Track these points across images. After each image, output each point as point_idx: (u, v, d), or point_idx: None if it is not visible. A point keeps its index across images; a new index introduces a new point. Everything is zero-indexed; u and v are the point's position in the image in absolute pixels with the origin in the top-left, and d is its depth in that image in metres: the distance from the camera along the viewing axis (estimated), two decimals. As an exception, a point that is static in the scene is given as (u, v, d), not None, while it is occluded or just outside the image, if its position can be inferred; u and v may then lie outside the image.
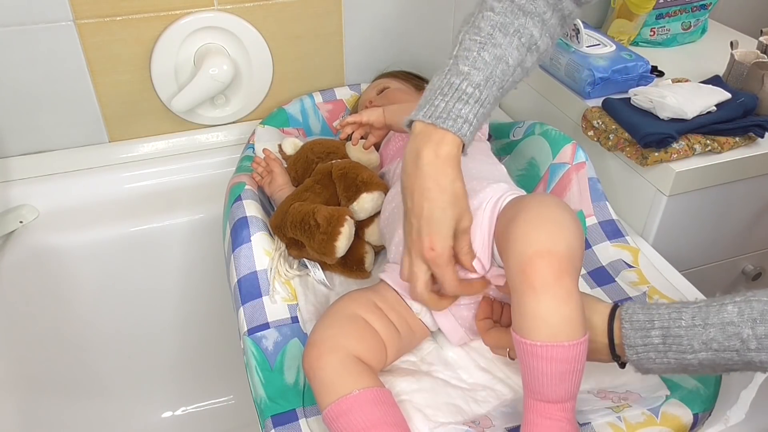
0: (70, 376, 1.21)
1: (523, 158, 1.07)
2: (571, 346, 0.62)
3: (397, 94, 1.11)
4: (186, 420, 1.32)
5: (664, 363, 0.63)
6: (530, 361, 0.63)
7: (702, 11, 1.34)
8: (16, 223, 1.11)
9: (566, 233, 0.65)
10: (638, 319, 0.65)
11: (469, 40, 0.70)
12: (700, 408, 0.72)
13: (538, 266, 0.63)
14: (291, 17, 1.19)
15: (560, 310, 0.63)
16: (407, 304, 0.80)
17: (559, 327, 0.63)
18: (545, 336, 0.62)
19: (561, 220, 0.67)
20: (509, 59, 0.69)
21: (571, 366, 0.63)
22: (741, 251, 1.19)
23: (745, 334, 0.58)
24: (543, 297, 0.63)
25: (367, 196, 0.90)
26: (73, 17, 1.07)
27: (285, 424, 0.72)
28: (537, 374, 0.63)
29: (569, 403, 0.64)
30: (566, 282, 0.63)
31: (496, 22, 0.69)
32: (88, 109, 1.16)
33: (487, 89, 0.69)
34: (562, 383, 0.63)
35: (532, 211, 0.68)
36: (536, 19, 0.70)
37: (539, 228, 0.66)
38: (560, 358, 0.62)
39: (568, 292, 0.63)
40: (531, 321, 0.63)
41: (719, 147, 1.01)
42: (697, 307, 0.62)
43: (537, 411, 0.64)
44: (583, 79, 1.13)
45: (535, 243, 0.64)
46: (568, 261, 0.64)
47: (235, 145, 1.25)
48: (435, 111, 0.68)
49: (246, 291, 0.85)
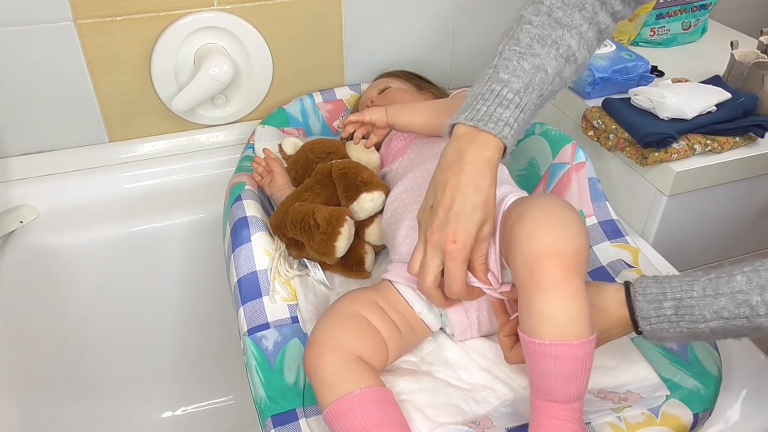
0: (70, 376, 1.21)
1: (523, 158, 1.07)
2: (579, 344, 0.62)
3: (399, 94, 1.10)
4: (186, 420, 1.32)
5: (677, 332, 0.65)
6: (538, 360, 0.63)
7: (702, 11, 1.34)
8: (16, 223, 1.11)
9: (573, 233, 0.66)
10: (651, 292, 0.66)
11: (508, 50, 0.72)
12: (700, 408, 0.72)
13: (546, 266, 0.63)
14: (291, 17, 1.19)
15: (568, 309, 0.63)
16: (409, 303, 0.80)
17: (568, 326, 0.63)
18: (554, 335, 0.62)
19: (567, 220, 0.67)
20: (548, 68, 0.71)
21: (579, 365, 0.63)
22: (741, 251, 1.19)
23: (754, 301, 0.60)
24: (551, 296, 0.63)
25: (367, 196, 0.90)
26: (73, 17, 1.07)
27: (285, 424, 0.72)
28: (545, 374, 0.63)
29: (577, 403, 0.64)
30: (574, 281, 0.64)
31: (535, 34, 0.72)
32: (88, 109, 1.16)
33: (527, 96, 0.71)
34: (571, 383, 0.63)
35: (537, 211, 0.68)
36: (573, 32, 0.72)
37: (546, 228, 0.66)
38: (569, 357, 0.62)
39: (575, 291, 0.63)
40: (539, 320, 0.63)
41: (719, 147, 1.01)
42: (707, 278, 0.64)
43: (545, 411, 0.64)
44: (583, 79, 1.13)
45: (543, 243, 0.65)
46: (576, 261, 0.64)
47: (235, 145, 1.25)
48: (477, 114, 0.70)
49: (246, 291, 0.85)
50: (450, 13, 1.29)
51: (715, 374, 0.75)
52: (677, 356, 0.77)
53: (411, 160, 0.94)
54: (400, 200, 0.87)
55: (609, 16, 0.76)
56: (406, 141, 0.99)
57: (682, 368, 0.76)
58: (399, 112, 0.95)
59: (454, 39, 1.33)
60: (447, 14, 1.29)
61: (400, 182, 0.90)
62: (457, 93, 1.01)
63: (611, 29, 0.78)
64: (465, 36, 1.33)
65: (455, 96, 1.00)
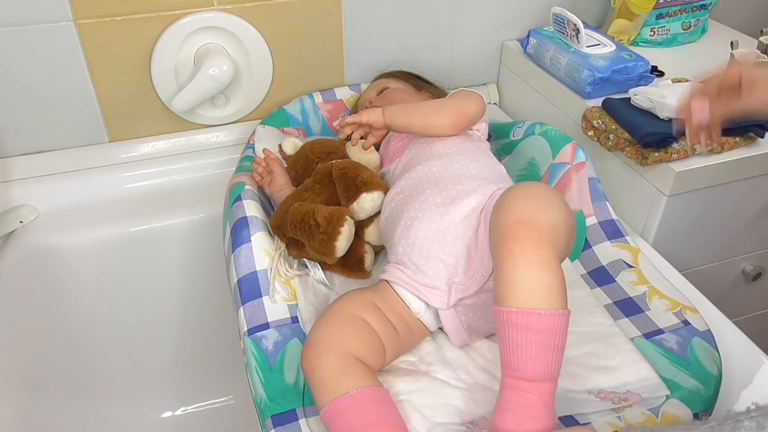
0: (69, 376, 1.21)
1: (523, 158, 1.07)
2: (548, 315, 0.61)
3: (397, 94, 1.11)
4: (186, 420, 1.32)
5: None
6: (507, 331, 0.62)
7: (702, 11, 1.34)
8: (16, 223, 1.11)
9: (550, 207, 0.66)
10: None
11: None
12: (700, 408, 0.72)
13: (518, 233, 0.63)
14: (291, 17, 1.19)
15: (537, 277, 0.62)
16: (406, 304, 0.80)
17: (536, 294, 0.61)
18: (520, 302, 0.62)
19: (546, 197, 0.68)
20: None
21: (548, 339, 0.61)
22: (741, 251, 1.19)
23: None
24: (520, 262, 0.62)
25: (367, 196, 0.90)
26: (73, 17, 1.07)
27: (285, 424, 0.72)
28: (513, 346, 0.61)
29: (547, 385, 0.62)
30: (546, 251, 0.63)
31: None
32: (88, 109, 1.16)
33: None
34: (539, 358, 0.61)
35: (518, 189, 0.70)
36: None
37: (522, 201, 0.67)
38: (537, 328, 0.61)
39: (546, 260, 0.63)
40: (507, 287, 0.63)
41: (719, 147, 1.01)
42: (708, 428, 0.55)
43: (511, 388, 0.62)
44: (583, 79, 1.13)
45: (517, 212, 0.65)
46: (550, 233, 0.64)
47: (235, 145, 1.25)
48: None
49: (246, 291, 0.85)
50: (450, 13, 1.29)
51: (715, 374, 0.75)
52: (677, 356, 0.77)
53: (409, 161, 0.94)
54: (397, 201, 0.87)
55: None
56: (404, 141, 0.99)
57: (682, 368, 0.76)
58: (396, 113, 0.95)
59: (454, 39, 1.33)
60: (447, 14, 1.29)
61: (397, 183, 0.90)
62: (455, 92, 1.01)
63: None
64: (465, 36, 1.33)
65: (452, 95, 1.00)
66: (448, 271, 0.79)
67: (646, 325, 0.82)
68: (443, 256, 0.79)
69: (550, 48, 1.23)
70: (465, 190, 0.82)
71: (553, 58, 1.21)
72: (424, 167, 0.88)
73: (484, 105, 0.99)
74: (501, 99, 1.40)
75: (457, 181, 0.84)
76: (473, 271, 0.78)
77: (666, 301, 0.85)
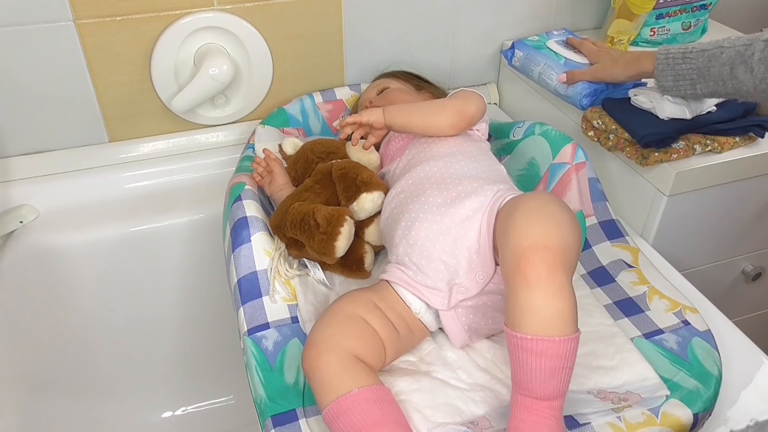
0: (70, 376, 1.21)
1: (523, 158, 1.07)
2: (561, 341, 0.62)
3: (397, 94, 1.10)
4: (186, 420, 1.32)
5: (690, 65, 0.90)
6: (520, 355, 0.63)
7: (702, 11, 1.34)
8: (16, 223, 1.11)
9: (562, 229, 0.66)
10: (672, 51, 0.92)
11: None
12: (700, 408, 0.72)
13: (532, 260, 0.64)
14: (291, 17, 1.19)
15: (552, 304, 0.63)
16: (406, 304, 0.80)
17: (551, 321, 0.63)
18: (536, 329, 0.63)
19: (557, 216, 0.67)
20: None
21: (560, 362, 0.63)
22: (741, 251, 1.19)
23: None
24: (535, 290, 0.63)
25: (367, 196, 0.90)
26: (73, 17, 1.07)
27: (285, 424, 0.72)
28: (526, 369, 0.63)
29: (557, 401, 0.64)
30: (559, 277, 0.64)
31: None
32: (88, 109, 1.16)
33: None
34: (551, 380, 0.63)
35: (529, 206, 0.69)
36: None
37: (535, 222, 0.66)
38: (550, 353, 0.62)
39: (560, 286, 0.63)
40: (522, 314, 0.64)
41: (719, 147, 1.01)
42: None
43: (524, 407, 0.64)
44: (578, 92, 1.12)
45: (530, 237, 0.65)
46: (563, 256, 0.64)
47: (235, 145, 1.25)
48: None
49: (246, 291, 0.85)
50: (450, 13, 1.29)
51: (715, 374, 0.75)
52: (677, 356, 0.78)
53: (409, 161, 0.94)
54: (398, 201, 0.87)
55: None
56: (405, 141, 0.99)
57: (682, 368, 0.76)
58: (396, 113, 0.95)
59: (454, 39, 1.33)
60: (447, 14, 1.29)
61: (397, 183, 0.90)
62: (455, 92, 1.01)
63: None
64: (465, 36, 1.33)
65: (453, 95, 1.00)
66: (449, 272, 0.79)
67: (646, 325, 0.82)
68: (444, 257, 0.79)
69: (539, 62, 1.20)
70: (466, 190, 0.82)
71: (542, 72, 1.19)
72: (424, 167, 0.88)
73: (484, 105, 0.99)
74: (501, 99, 1.40)
75: (458, 181, 0.84)
76: (474, 273, 0.78)
77: (666, 301, 0.85)
